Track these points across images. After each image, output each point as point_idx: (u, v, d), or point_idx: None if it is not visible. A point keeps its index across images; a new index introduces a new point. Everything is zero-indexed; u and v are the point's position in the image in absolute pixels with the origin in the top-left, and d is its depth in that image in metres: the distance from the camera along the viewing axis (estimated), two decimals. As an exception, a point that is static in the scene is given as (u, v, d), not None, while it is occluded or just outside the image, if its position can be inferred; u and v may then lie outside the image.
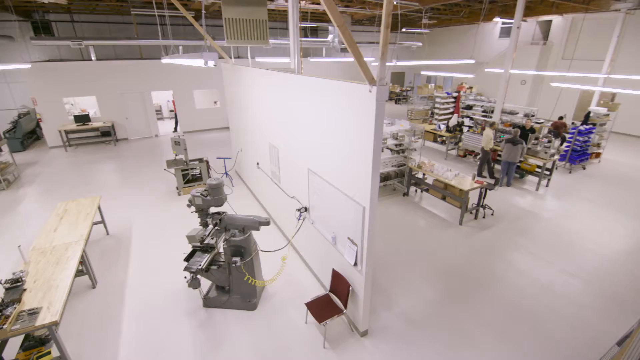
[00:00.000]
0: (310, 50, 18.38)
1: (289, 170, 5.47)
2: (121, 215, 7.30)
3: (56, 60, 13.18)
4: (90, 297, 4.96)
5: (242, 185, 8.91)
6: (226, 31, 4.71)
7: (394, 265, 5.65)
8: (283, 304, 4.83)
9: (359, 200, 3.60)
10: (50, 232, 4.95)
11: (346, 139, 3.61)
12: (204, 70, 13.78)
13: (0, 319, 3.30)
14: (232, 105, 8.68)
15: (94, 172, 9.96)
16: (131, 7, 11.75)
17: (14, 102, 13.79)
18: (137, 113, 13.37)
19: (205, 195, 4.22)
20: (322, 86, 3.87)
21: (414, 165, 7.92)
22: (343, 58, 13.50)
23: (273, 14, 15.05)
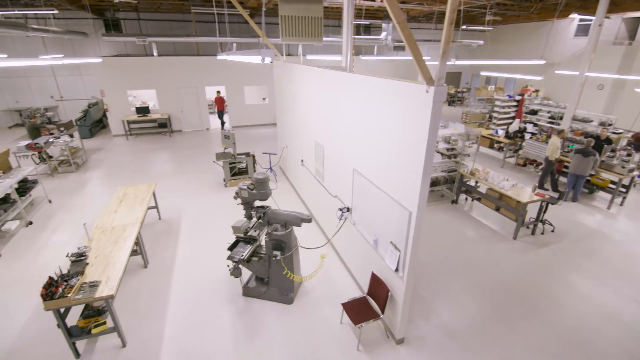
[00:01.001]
0: (363, 48, 18.14)
1: (334, 169, 5.42)
2: (172, 202, 7.75)
3: (123, 55, 14.36)
4: (141, 275, 5.32)
5: (285, 181, 9.04)
6: (281, 28, 4.76)
7: (436, 275, 5.37)
8: (319, 301, 4.80)
9: (406, 205, 3.44)
10: (111, 213, 5.39)
11: (396, 141, 3.46)
12: (255, 67, 14.19)
13: (66, 288, 3.63)
14: (280, 102, 8.82)
15: (151, 160, 10.71)
16: (191, 5, 12.42)
17: (85, 93, 15.30)
18: (191, 107, 14.15)
19: (252, 189, 4.31)
20: (375, 85, 3.74)
21: (466, 171, 7.46)
22: (396, 56, 13.14)
23: (325, 11, 15.07)
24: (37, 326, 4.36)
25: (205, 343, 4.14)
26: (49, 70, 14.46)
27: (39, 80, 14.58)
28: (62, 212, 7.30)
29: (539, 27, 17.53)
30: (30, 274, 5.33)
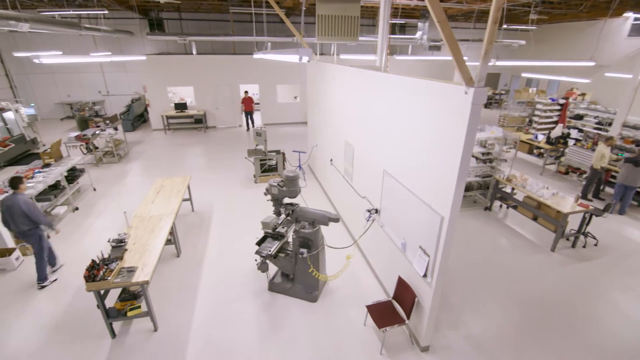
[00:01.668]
0: (397, 48, 17.86)
1: (363, 169, 5.38)
2: (205, 195, 8.04)
3: (164, 53, 15.05)
4: (174, 264, 5.57)
5: (314, 179, 9.09)
6: (318, 28, 4.79)
7: (466, 283, 5.19)
8: (343, 301, 4.79)
9: (437, 209, 3.35)
10: (148, 203, 5.68)
11: (430, 143, 3.38)
12: (288, 66, 14.36)
13: (106, 271, 3.87)
14: (312, 101, 8.88)
15: (186, 154, 11.16)
16: (230, 5, 12.79)
17: (129, 89, 16.20)
18: (226, 104, 14.57)
19: (282, 186, 4.37)
20: (410, 85, 3.67)
21: (502, 177, 7.14)
22: (431, 56, 12.81)
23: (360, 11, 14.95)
24: (79, 305, 4.68)
25: (231, 334, 4.26)
26: (97, 66, 15.45)
27: (89, 76, 15.63)
28: (105, 199, 7.80)
29: (588, 26, 16.37)
30: (75, 256, 5.74)
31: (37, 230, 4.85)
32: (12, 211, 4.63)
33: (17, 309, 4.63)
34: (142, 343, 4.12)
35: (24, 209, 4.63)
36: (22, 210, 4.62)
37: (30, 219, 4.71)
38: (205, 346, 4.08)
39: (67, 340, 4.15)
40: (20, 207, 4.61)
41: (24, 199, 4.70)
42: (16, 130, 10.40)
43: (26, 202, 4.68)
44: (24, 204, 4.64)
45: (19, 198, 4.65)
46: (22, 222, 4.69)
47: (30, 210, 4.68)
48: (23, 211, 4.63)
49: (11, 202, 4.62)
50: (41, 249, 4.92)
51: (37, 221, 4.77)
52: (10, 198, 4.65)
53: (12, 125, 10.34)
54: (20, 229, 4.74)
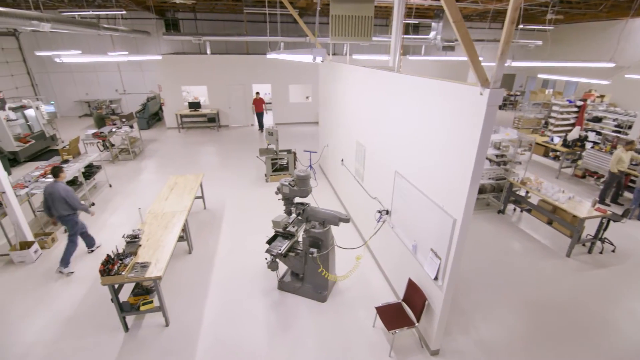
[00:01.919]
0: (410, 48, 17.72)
1: (374, 170, 5.36)
2: (217, 193, 8.13)
3: (179, 53, 15.29)
4: (186, 260, 5.65)
5: (324, 179, 9.10)
6: (332, 28, 4.79)
7: (478, 287, 5.12)
8: (352, 302, 4.78)
9: (450, 212, 3.31)
10: (162, 200, 5.78)
11: (443, 144, 3.35)
12: (300, 66, 14.40)
13: (120, 266, 3.96)
14: (323, 101, 8.88)
15: (199, 152, 11.32)
16: (244, 5, 12.90)
17: (145, 88, 16.51)
18: (238, 103, 14.70)
19: (293, 185, 4.39)
20: (423, 86, 3.64)
21: (517, 180, 7.01)
22: (445, 57, 12.67)
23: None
24: (94, 298, 4.80)
25: (240, 331, 4.31)
26: (115, 66, 15.80)
27: (106, 75, 16.00)
28: (120, 196, 7.98)
29: (609, 26, 15.90)
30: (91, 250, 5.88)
31: (74, 215, 5.27)
32: (53, 197, 5.02)
33: (35, 300, 4.78)
34: (154, 337, 4.20)
35: (64, 195, 5.02)
36: (61, 196, 5.01)
37: (69, 204, 5.08)
38: (215, 343, 4.13)
39: (82, 332, 4.26)
40: (60, 193, 5.00)
41: (64, 187, 5.09)
42: (36, 127, 10.73)
43: (65, 189, 5.09)
44: (63, 191, 5.03)
45: (59, 185, 5.06)
46: (62, 208, 5.09)
47: (68, 197, 5.07)
48: (62, 197, 5.02)
49: (52, 189, 5.02)
50: (74, 234, 5.36)
51: (75, 207, 5.16)
52: (51, 185, 5.06)
53: (33, 122, 10.67)
54: (60, 213, 5.15)
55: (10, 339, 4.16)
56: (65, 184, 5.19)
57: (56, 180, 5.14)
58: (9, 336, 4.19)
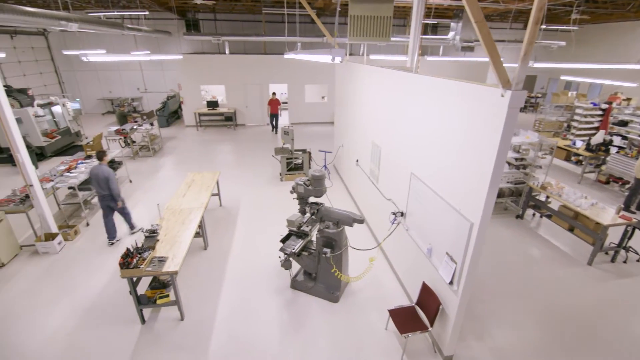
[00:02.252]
0: (428, 49, 17.50)
1: (390, 171, 5.32)
2: (232, 191, 8.25)
3: (199, 52, 15.57)
4: (201, 256, 5.76)
5: (338, 179, 9.10)
6: (350, 28, 4.78)
7: (494, 293, 5.01)
8: (365, 304, 4.77)
9: (467, 215, 3.25)
10: (180, 196, 5.91)
11: (461, 147, 3.29)
12: (317, 66, 14.43)
13: (139, 260, 4.08)
14: (339, 101, 8.88)
15: (216, 150, 11.51)
16: (263, 6, 13.03)
17: (165, 86, 16.90)
18: (255, 103, 14.86)
19: (308, 185, 4.41)
20: (442, 87, 3.60)
21: (537, 185, 6.82)
22: (464, 57, 12.45)
23: (392, 11, 14.74)
24: (113, 290, 4.96)
25: (253, 328, 4.36)
26: (137, 65, 16.24)
27: (129, 74, 16.47)
28: (140, 191, 8.20)
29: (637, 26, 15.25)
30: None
31: (109, 197, 5.85)
32: (98, 177, 5.71)
33: (58, 290, 4.97)
34: (169, 331, 4.30)
35: (106, 175, 5.70)
36: (105, 177, 5.69)
37: (109, 185, 5.72)
38: (228, 339, 4.20)
39: (101, 322, 4.41)
40: (103, 174, 5.69)
41: (106, 169, 5.78)
42: (62, 123, 11.14)
43: (107, 171, 5.76)
44: (106, 172, 5.72)
45: (102, 167, 5.76)
46: (103, 187, 5.74)
47: (110, 179, 5.73)
48: (105, 177, 5.70)
49: (97, 170, 5.73)
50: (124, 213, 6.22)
51: (112, 188, 5.76)
52: (96, 167, 5.77)
53: (59, 118, 11.09)
54: (100, 193, 5.80)
55: (34, 326, 4.34)
56: (107, 167, 5.82)
57: (100, 163, 5.84)
58: (33, 323, 4.38)
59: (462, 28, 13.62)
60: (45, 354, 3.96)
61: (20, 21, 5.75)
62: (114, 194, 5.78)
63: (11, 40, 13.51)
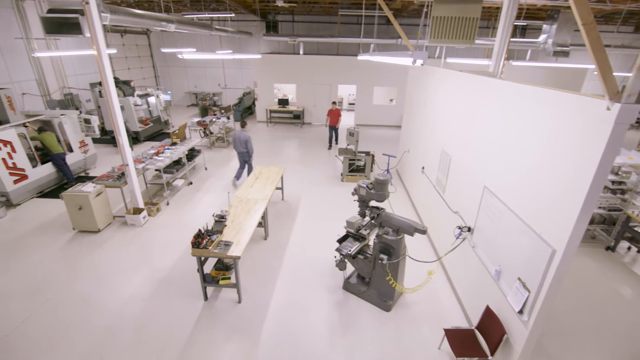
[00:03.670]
0: (515, 53, 16.05)
1: (459, 182, 5.00)
2: (294, 186, 8.52)
3: (275, 52, 16.35)
4: (261, 246, 6.06)
5: (400, 185, 8.83)
6: (432, 30, 4.60)
7: (571, 330, 4.41)
8: (418, 317, 4.56)
9: (549, 240, 2.91)
10: (248, 187, 6.28)
11: (549, 163, 2.95)
12: (387, 68, 14.14)
13: (208, 242, 4.43)
14: (409, 105, 8.60)
15: (283, 146, 11.99)
16: (339, 7, 13.18)
17: (242, 84, 18.09)
18: (322, 102, 15.12)
19: (370, 188, 4.36)
20: (531, 95, 3.26)
21: (637, 214, 5.83)
22: (555, 63, 11.16)
23: (475, 12, 13.80)
24: (184, 265, 5.47)
25: (303, 322, 4.45)
26: (220, 63, 17.68)
27: (212, 70, 18.01)
28: (213, 178, 8.93)
29: None
30: (185, 223, 6.72)
31: (246, 154, 8.09)
32: (240, 139, 7.90)
33: (138, 259, 5.65)
34: (227, 311, 4.60)
35: (244, 139, 7.89)
36: (242, 139, 7.89)
37: (246, 146, 7.93)
38: (279, 328, 4.35)
39: (171, 293, 4.90)
40: (242, 138, 7.88)
41: (246, 133, 7.94)
42: (155, 113, 12.62)
43: (246, 136, 7.90)
44: (244, 136, 7.89)
45: (243, 132, 7.97)
46: (241, 147, 7.96)
47: (247, 140, 7.90)
48: (243, 141, 7.89)
49: (239, 134, 7.93)
50: (250, 166, 8.43)
51: (249, 147, 7.95)
52: (239, 132, 7.98)
53: (153, 108, 12.58)
54: (240, 150, 8.02)
55: (117, 288, 4.99)
56: (246, 132, 8.01)
57: (242, 129, 8.10)
58: (116, 286, 5.04)
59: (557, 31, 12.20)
60: (124, 314, 4.53)
61: (130, 22, 6.63)
62: (249, 151, 7.98)
63: (121, 38, 15.67)
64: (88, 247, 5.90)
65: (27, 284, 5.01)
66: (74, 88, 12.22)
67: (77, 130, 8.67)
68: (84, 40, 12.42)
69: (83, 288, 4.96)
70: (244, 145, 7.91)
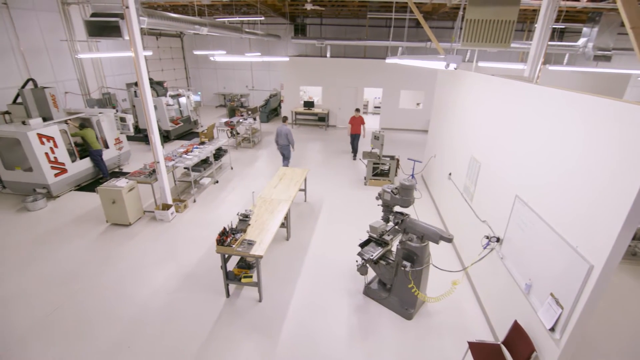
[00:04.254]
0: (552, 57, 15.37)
1: (488, 190, 4.82)
2: (317, 188, 8.54)
3: (302, 55, 16.50)
4: (283, 246, 6.11)
5: (425, 191, 8.64)
6: (465, 33, 4.47)
7: (607, 353, 4.14)
8: (440, 328, 4.43)
9: (586, 255, 2.74)
10: (271, 187, 6.36)
11: (588, 175, 2.79)
12: (415, 71, 13.92)
13: (232, 240, 4.52)
14: (438, 109, 8.42)
15: (307, 148, 12.05)
16: (368, 11, 13.12)
17: (269, 85, 18.38)
18: (347, 105, 15.08)
19: (395, 193, 4.29)
20: (571, 102, 3.10)
21: (686, 231, 5.39)
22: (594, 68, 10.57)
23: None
24: (209, 262, 5.60)
25: (322, 324, 4.44)
26: (248, 65, 18.07)
27: (240, 72, 18.43)
28: (238, 177, 9.12)
29: None
30: (210, 220, 6.89)
31: (289, 147, 8.99)
32: (282, 132, 8.76)
33: (166, 253, 5.84)
34: (248, 309, 4.67)
35: (286, 132, 8.74)
36: (284, 133, 8.74)
37: (288, 139, 8.80)
38: (298, 329, 4.36)
39: (195, 288, 5.03)
40: (284, 131, 8.74)
41: (287, 128, 8.80)
42: (185, 112, 13.06)
43: (288, 130, 8.78)
44: (286, 130, 8.75)
45: (285, 126, 8.86)
46: (283, 141, 8.83)
47: (289, 135, 8.76)
48: (285, 134, 8.74)
49: (282, 128, 8.80)
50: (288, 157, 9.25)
51: (290, 139, 8.83)
52: (281, 126, 8.87)
53: (183, 108, 13.03)
54: (282, 143, 8.88)
55: (143, 280, 5.18)
56: (287, 126, 8.89)
57: (283, 123, 8.97)
58: (143, 278, 5.23)
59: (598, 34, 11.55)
60: (149, 305, 4.70)
61: (166, 25, 6.90)
62: (291, 143, 8.87)
63: (156, 40, 16.36)
64: (119, 240, 6.18)
65: (63, 271, 5.31)
66: (112, 88, 12.89)
67: (113, 128, 9.11)
68: (122, 43, 13.07)
69: (112, 278, 5.19)
70: (285, 138, 8.77)
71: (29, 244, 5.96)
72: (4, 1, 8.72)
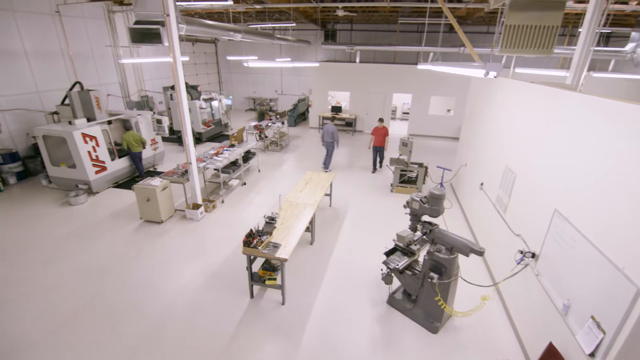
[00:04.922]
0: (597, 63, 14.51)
1: (523, 202, 4.60)
2: (342, 193, 8.50)
3: (332, 60, 16.59)
4: (307, 250, 6.12)
5: (454, 200, 8.38)
6: (504, 39, 4.31)
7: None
8: (467, 345, 4.25)
9: (633, 278, 2.54)
10: (298, 191, 6.41)
11: (637, 190, 2.59)
12: (446, 77, 13.58)
13: (258, 242, 4.58)
14: (470, 116, 8.16)
15: (334, 153, 12.01)
16: (399, 16, 13.00)
17: (298, 90, 18.62)
18: (375, 111, 14.96)
19: (424, 202, 4.19)
20: (618, 111, 2.90)
21: None
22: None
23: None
24: (235, 262, 5.72)
25: (344, 332, 4.39)
26: (278, 70, 18.41)
27: (271, 77, 18.82)
28: (265, 180, 9.27)
29: None
30: (238, 221, 7.04)
31: (333, 143, 9.70)
32: (328, 130, 9.54)
33: (194, 251, 6.02)
34: (270, 311, 4.71)
35: (332, 131, 9.52)
36: (330, 132, 9.51)
37: (333, 137, 9.53)
38: (320, 334, 4.34)
39: (220, 287, 5.14)
40: (330, 130, 9.53)
41: (333, 127, 9.58)
42: (217, 116, 13.49)
43: (334, 128, 9.57)
44: (332, 128, 9.55)
45: (331, 125, 9.62)
46: (328, 137, 9.60)
47: (334, 133, 9.53)
48: (331, 132, 9.51)
49: (328, 126, 9.58)
50: (331, 154, 9.99)
51: (335, 138, 9.57)
52: (328, 124, 9.62)
53: (215, 111, 13.46)
54: (326, 141, 9.67)
55: (171, 276, 5.36)
56: (334, 125, 9.66)
57: (329, 123, 9.69)
58: (171, 274, 5.41)
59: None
60: (176, 301, 4.85)
61: (202, 32, 7.18)
62: (336, 140, 9.56)
63: (192, 46, 17.05)
64: (151, 236, 6.45)
65: (99, 264, 5.61)
66: (150, 91, 13.56)
67: (150, 129, 9.56)
68: (161, 48, 13.75)
69: (143, 274, 5.42)
70: (330, 136, 9.49)
71: (69, 237, 6.35)
72: (56, 9, 9.43)
